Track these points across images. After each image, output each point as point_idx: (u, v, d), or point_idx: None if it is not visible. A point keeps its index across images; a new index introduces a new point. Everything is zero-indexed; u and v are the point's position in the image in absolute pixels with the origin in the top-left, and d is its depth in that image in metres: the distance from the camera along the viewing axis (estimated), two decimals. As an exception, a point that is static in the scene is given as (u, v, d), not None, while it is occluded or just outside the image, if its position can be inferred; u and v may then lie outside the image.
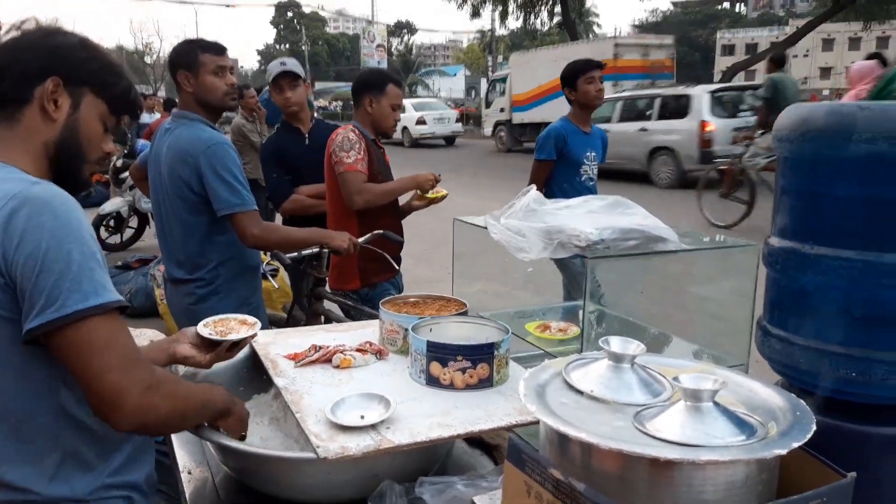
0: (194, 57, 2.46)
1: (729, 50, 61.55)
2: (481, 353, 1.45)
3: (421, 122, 21.59)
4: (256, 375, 1.75)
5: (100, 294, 1.07)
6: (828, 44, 54.46)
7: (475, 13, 27.55)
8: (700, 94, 11.38)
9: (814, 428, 0.89)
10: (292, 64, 3.44)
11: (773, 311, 1.17)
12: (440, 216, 3.87)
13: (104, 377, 1.05)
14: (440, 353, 1.45)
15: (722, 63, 58.72)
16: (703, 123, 10.86)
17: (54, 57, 1.19)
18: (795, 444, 0.85)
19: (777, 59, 9.34)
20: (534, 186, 1.59)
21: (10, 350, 1.11)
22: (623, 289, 1.64)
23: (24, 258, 1.05)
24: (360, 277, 3.07)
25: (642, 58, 16.32)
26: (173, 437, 1.61)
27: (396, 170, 3.26)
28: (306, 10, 73.22)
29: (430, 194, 3.11)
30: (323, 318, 2.85)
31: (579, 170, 3.52)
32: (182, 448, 1.58)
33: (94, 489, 1.19)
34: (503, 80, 20.08)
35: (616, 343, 1.06)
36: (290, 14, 74.43)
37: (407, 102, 20.16)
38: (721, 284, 1.64)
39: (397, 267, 3.06)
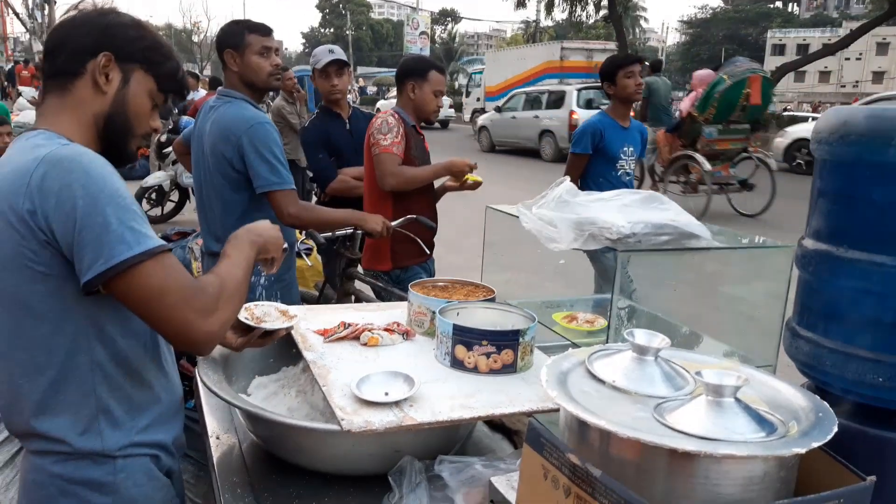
0: (241, 37, 2.51)
1: (779, 50, 60.00)
2: (506, 340, 1.47)
3: None
4: (286, 348, 1.79)
5: (142, 242, 1.11)
6: (882, 47, 52.77)
7: (520, 3, 27.35)
8: (570, 91, 15.21)
9: (835, 429, 0.89)
10: (339, 52, 3.50)
11: (803, 313, 1.16)
12: (472, 204, 3.88)
13: (169, 319, 1.13)
14: (466, 336, 1.47)
15: (771, 63, 57.38)
16: (570, 113, 14.58)
17: (107, 34, 1.23)
18: (815, 444, 0.85)
19: (654, 65, 10.78)
20: (568, 178, 1.60)
21: (46, 305, 1.16)
22: (655, 284, 1.64)
23: (63, 217, 1.09)
24: (392, 259, 3.11)
25: (587, 59, 19.49)
26: (203, 403, 1.67)
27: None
28: (352, -6, 73.38)
29: (469, 177, 3.13)
30: (353, 297, 2.89)
31: (616, 164, 3.51)
32: (211, 414, 1.63)
33: (123, 445, 1.25)
34: (480, 73, 22.94)
35: (641, 335, 1.07)
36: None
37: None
38: (753, 284, 1.63)
39: (429, 252, 3.09)
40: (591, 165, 3.51)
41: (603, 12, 26.45)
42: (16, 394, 1.21)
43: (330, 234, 2.75)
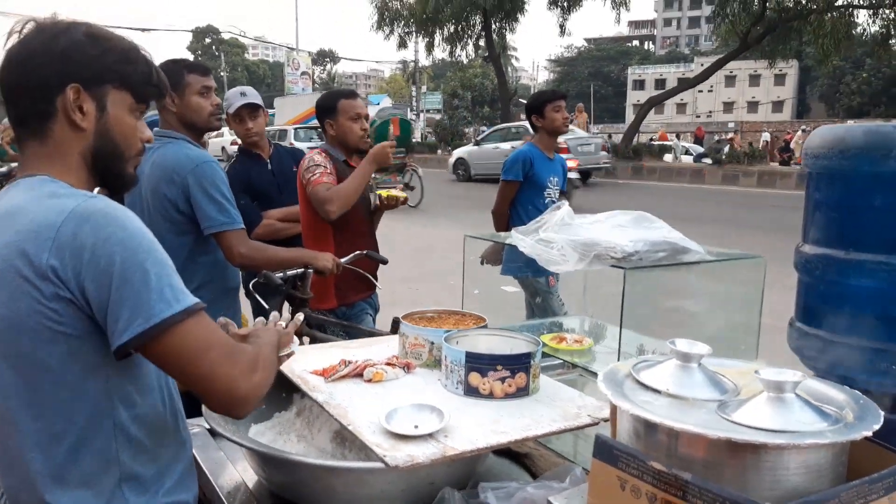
0: (180, 76, 2.42)
1: (640, 84, 64.64)
2: (519, 363, 1.49)
3: None
4: (275, 393, 1.73)
5: (181, 300, 1.05)
6: (730, 80, 58.09)
7: (402, 44, 27.91)
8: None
9: (882, 414, 0.98)
10: (252, 94, 3.40)
11: (810, 313, 1.26)
12: (405, 232, 3.89)
13: (215, 377, 1.06)
14: (479, 363, 1.48)
15: (633, 97, 61.62)
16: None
17: (66, 61, 1.10)
18: (876, 427, 0.93)
19: None
20: (566, 202, 1.66)
21: (66, 367, 1.06)
22: (647, 298, 1.72)
23: (97, 274, 1.01)
24: (336, 296, 3.06)
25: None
26: (198, 457, 1.57)
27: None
28: (225, 35, 72.11)
29: (383, 193, 3.14)
30: (308, 339, 2.82)
31: (543, 192, 3.65)
32: (209, 468, 1.54)
33: None
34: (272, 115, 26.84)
35: (683, 344, 1.12)
36: (208, 40, 73.14)
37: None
38: (729, 290, 1.75)
39: (378, 285, 3.07)
40: (521, 193, 3.64)
41: (482, 52, 27.50)
42: (27, 468, 1.08)
43: (281, 273, 2.67)
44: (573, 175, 11.25)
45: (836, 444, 0.93)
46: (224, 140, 22.47)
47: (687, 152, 22.86)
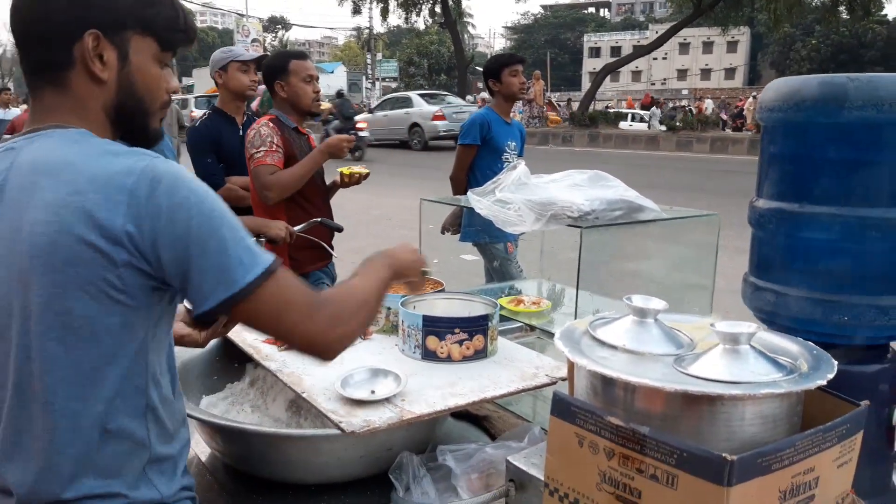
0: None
1: (595, 52, 64.79)
2: (477, 325, 1.48)
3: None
4: (228, 364, 1.69)
5: (259, 261, 0.99)
6: (684, 47, 58.63)
7: (356, 10, 27.38)
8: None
9: (835, 364, 0.98)
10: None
11: (763, 267, 1.27)
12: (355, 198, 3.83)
13: (296, 334, 1.04)
14: (437, 326, 1.46)
15: (589, 64, 61.81)
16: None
17: (84, 4, 1.00)
18: (830, 376, 0.94)
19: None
20: (522, 161, 1.63)
21: (116, 342, 0.98)
22: (603, 258, 1.72)
23: (173, 239, 0.95)
24: (291, 266, 2.99)
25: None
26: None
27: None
28: (172, 1, 69.63)
29: (346, 170, 3.08)
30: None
31: (501, 157, 3.61)
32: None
33: (175, 490, 1.09)
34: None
35: (639, 300, 1.11)
36: (153, 5, 70.49)
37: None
38: (684, 250, 1.75)
39: (334, 253, 3.02)
40: (479, 157, 3.60)
41: (438, 18, 27.15)
42: (51, 455, 0.99)
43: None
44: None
45: (790, 395, 0.94)
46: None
47: (641, 119, 23.08)
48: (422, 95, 20.52)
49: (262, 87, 3.75)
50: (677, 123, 20.09)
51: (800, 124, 1.17)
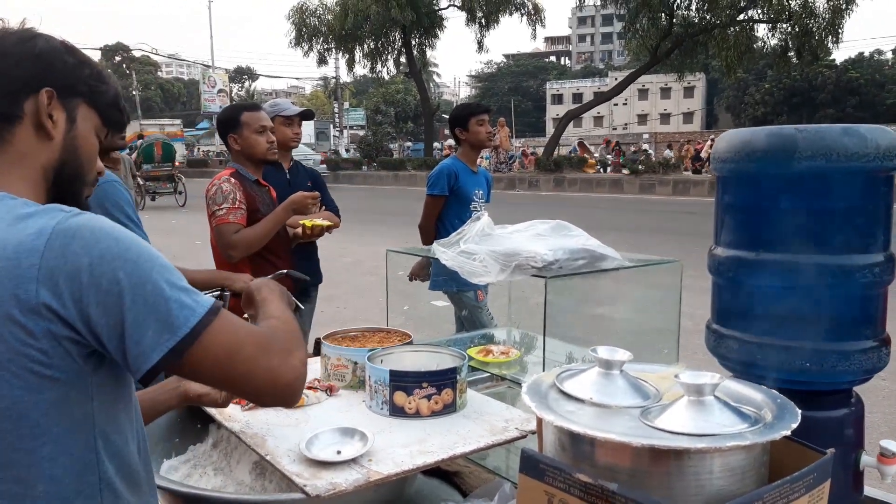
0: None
1: (558, 99, 66.38)
2: (445, 379, 1.46)
3: None
4: (190, 426, 1.64)
5: (200, 301, 0.94)
6: (643, 93, 60.39)
7: (322, 61, 27.71)
8: None
9: (799, 413, 0.99)
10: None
11: (724, 315, 1.28)
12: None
13: (253, 372, 0.97)
14: (404, 381, 1.44)
15: (552, 111, 63.22)
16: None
17: (41, 65, 1.01)
18: (794, 425, 0.94)
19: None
20: (485, 213, 1.64)
21: (50, 419, 0.91)
22: (570, 306, 1.72)
23: (100, 295, 0.89)
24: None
25: (160, 129, 30.95)
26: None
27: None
28: (136, 53, 69.91)
29: (307, 222, 3.08)
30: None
31: (469, 206, 3.63)
32: None
33: None
34: None
35: (604, 351, 1.11)
36: (118, 58, 70.67)
37: None
38: (649, 295, 1.77)
39: (301, 306, 2.97)
40: (447, 207, 3.61)
41: (403, 69, 27.61)
42: None
43: (196, 298, 2.55)
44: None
45: (756, 445, 0.94)
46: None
47: (606, 164, 23.56)
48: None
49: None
50: (639, 167, 20.54)
51: (752, 175, 1.20)
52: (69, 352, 0.91)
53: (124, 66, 68.55)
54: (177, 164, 26.57)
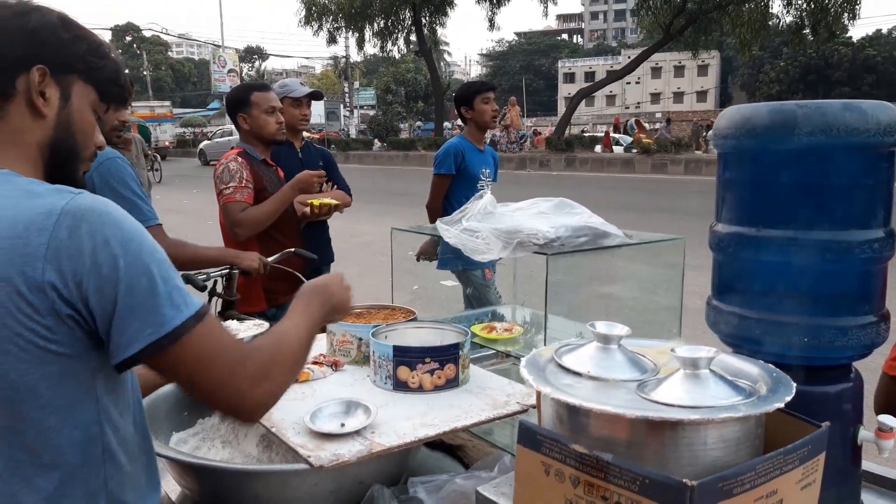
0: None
1: (570, 77, 65.78)
2: (448, 354, 1.48)
3: None
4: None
5: (189, 303, 0.96)
6: (656, 72, 59.71)
7: (332, 40, 27.57)
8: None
9: (794, 386, 1.00)
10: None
11: (725, 290, 1.29)
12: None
13: (220, 389, 0.98)
14: (407, 356, 1.46)
15: (564, 89, 62.71)
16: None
17: (35, 41, 1.01)
18: (788, 398, 0.96)
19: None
20: (488, 191, 1.65)
21: (55, 391, 0.94)
22: (572, 284, 1.74)
23: (100, 281, 0.91)
24: (266, 299, 2.99)
25: (150, 112, 33.18)
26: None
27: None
28: (147, 33, 69.85)
29: (314, 201, 3.10)
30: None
31: (476, 184, 3.64)
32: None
33: None
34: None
35: (602, 326, 1.13)
36: (128, 38, 70.63)
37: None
38: (653, 272, 1.78)
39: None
40: (454, 186, 3.62)
41: (413, 47, 27.43)
42: (11, 499, 0.95)
43: (205, 275, 2.59)
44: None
45: (750, 417, 0.95)
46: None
47: (617, 143, 23.41)
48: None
49: None
50: (652, 146, 20.39)
51: (752, 151, 1.20)
52: (72, 329, 0.93)
53: (135, 46, 68.55)
54: (168, 144, 33.08)
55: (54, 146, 1.05)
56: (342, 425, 1.28)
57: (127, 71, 1.15)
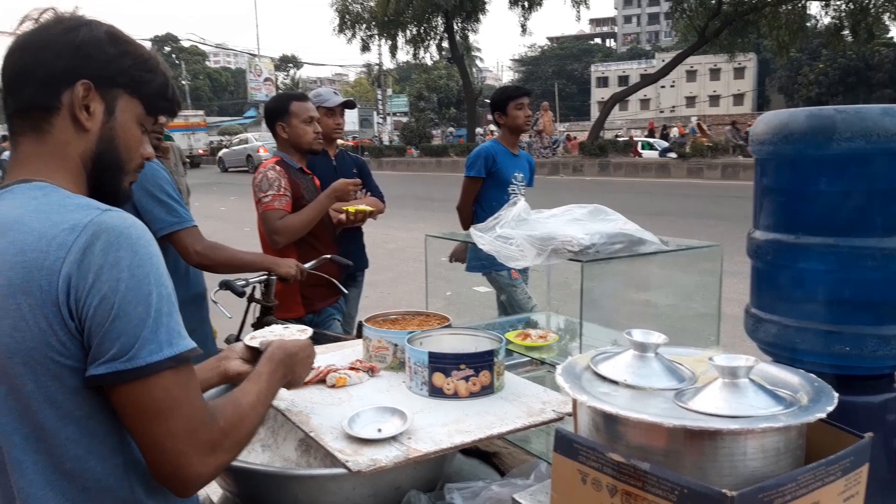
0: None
1: (603, 82, 65.30)
2: (483, 361, 1.49)
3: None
4: (238, 404, 1.70)
5: (174, 343, 0.94)
6: (691, 75, 58.96)
7: (365, 47, 27.85)
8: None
9: (836, 396, 0.99)
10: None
11: (764, 298, 1.28)
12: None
13: (167, 444, 0.94)
14: (442, 363, 1.47)
15: (597, 94, 62.28)
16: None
17: (81, 56, 1.03)
18: (830, 408, 0.94)
19: None
20: (522, 198, 1.66)
21: (74, 403, 0.95)
22: (608, 290, 1.73)
23: (98, 300, 0.91)
24: (303, 305, 3.03)
25: (184, 121, 33.48)
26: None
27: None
28: (185, 43, 71.34)
29: (350, 208, 3.14)
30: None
31: (507, 189, 3.65)
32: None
33: None
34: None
35: (638, 334, 1.13)
36: (167, 48, 72.20)
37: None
38: (690, 279, 1.77)
39: (345, 290, 3.04)
40: (485, 189, 3.63)
41: (445, 54, 27.55)
42: None
43: (243, 281, 2.64)
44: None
45: (791, 428, 0.94)
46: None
47: (651, 147, 23.16)
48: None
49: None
50: (686, 151, 20.12)
51: (790, 157, 1.19)
52: (79, 344, 0.93)
53: (174, 56, 70.03)
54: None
55: (97, 159, 1.07)
56: (379, 431, 1.29)
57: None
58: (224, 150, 32.18)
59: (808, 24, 21.75)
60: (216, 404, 1.03)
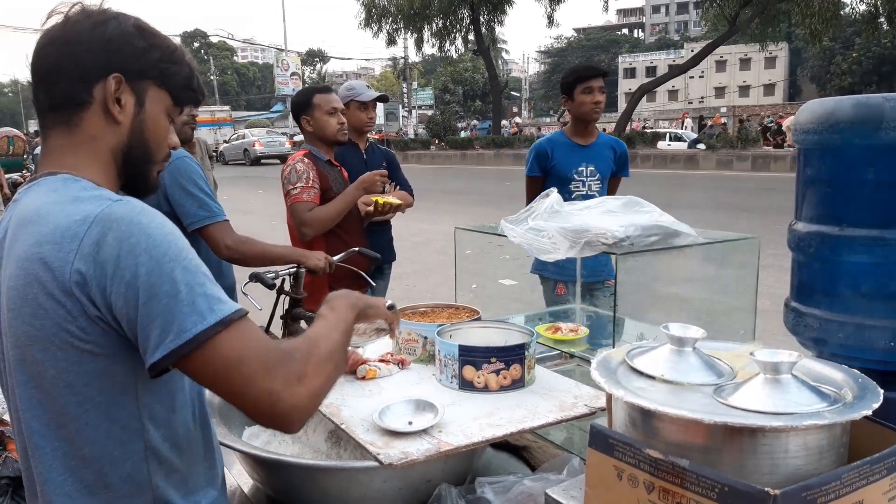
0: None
1: (630, 73, 64.55)
2: (513, 354, 1.47)
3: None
4: (268, 395, 1.71)
5: (216, 310, 0.94)
6: (720, 65, 58.02)
7: (391, 41, 27.84)
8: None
9: (881, 393, 0.96)
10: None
11: (805, 292, 1.24)
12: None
13: (250, 391, 0.94)
14: (473, 356, 1.46)
15: (625, 85, 61.60)
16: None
17: (112, 50, 1.03)
18: (875, 405, 0.91)
19: None
20: (555, 189, 1.64)
21: (92, 388, 0.97)
22: (642, 283, 1.70)
23: (123, 287, 0.92)
24: (331, 297, 3.03)
25: (211, 116, 35.87)
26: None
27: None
28: (213, 39, 72.03)
29: (379, 199, 3.13)
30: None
31: (568, 185, 3.19)
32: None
33: None
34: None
35: (676, 328, 1.10)
36: (196, 44, 72.94)
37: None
38: (725, 272, 1.73)
39: (373, 283, 3.04)
40: (546, 186, 3.37)
41: (471, 46, 27.44)
42: (56, 491, 1.00)
43: (273, 274, 2.65)
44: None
45: (835, 425, 0.91)
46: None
47: (680, 138, 22.85)
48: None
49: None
50: (716, 142, 19.83)
51: (836, 146, 1.16)
52: (105, 331, 0.95)
53: (202, 51, 70.76)
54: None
55: (127, 151, 1.08)
56: (410, 423, 1.29)
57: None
58: (225, 145, 33.58)
59: (843, 12, 21.24)
60: (287, 342, 1.04)
